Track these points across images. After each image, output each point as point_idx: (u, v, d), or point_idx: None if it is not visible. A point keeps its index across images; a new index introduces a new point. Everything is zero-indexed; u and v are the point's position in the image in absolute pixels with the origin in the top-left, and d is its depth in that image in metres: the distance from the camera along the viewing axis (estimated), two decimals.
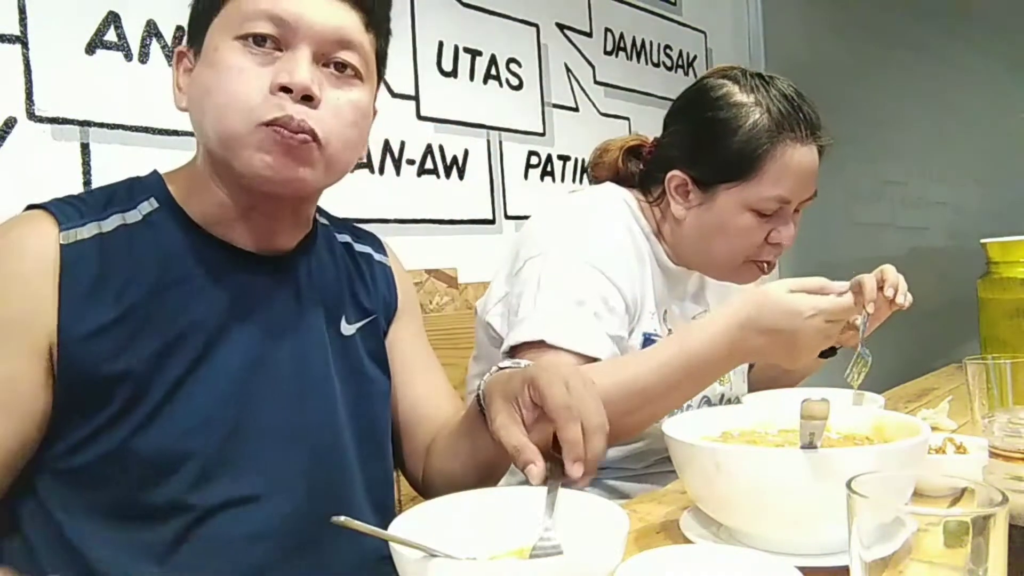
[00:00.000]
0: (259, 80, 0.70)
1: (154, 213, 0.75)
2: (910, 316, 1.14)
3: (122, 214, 0.74)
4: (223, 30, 0.71)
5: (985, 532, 0.41)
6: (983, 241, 1.57)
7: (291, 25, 0.70)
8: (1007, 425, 0.59)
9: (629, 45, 2.21)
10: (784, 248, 1.09)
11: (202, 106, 0.72)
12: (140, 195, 0.76)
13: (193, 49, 0.75)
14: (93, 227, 0.71)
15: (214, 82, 0.70)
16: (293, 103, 0.70)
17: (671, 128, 1.13)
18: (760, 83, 1.05)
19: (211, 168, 0.75)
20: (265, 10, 0.70)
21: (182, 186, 0.77)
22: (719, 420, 0.82)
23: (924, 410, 1.15)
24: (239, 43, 0.70)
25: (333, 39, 0.73)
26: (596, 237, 1.04)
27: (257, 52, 0.70)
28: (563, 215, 1.08)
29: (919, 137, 2.34)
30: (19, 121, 1.06)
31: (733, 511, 0.69)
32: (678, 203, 1.09)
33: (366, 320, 0.89)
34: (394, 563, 0.57)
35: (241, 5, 0.71)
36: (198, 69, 0.73)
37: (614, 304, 1.01)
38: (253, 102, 0.69)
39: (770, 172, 1.02)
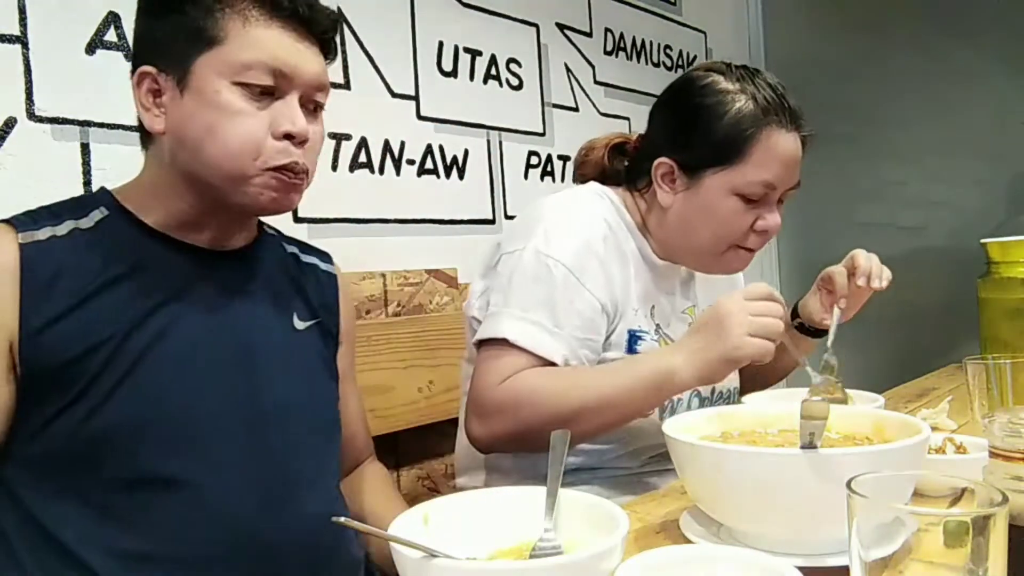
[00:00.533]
0: (260, 125, 0.78)
1: (105, 219, 0.81)
2: (910, 316, 1.14)
3: (75, 220, 0.79)
4: (219, 72, 0.77)
5: (985, 532, 0.41)
6: (983, 241, 1.57)
7: (287, 76, 0.79)
8: (1007, 425, 0.59)
9: (629, 45, 2.21)
10: (769, 236, 1.09)
11: (200, 142, 0.78)
12: (91, 206, 0.81)
13: (170, 77, 0.79)
14: (48, 231, 0.77)
15: (219, 124, 0.77)
16: (295, 147, 0.80)
17: (657, 118, 1.15)
18: (745, 73, 1.08)
19: (177, 181, 0.81)
20: (265, 63, 0.77)
21: (135, 198, 0.83)
22: (719, 420, 0.82)
23: (924, 410, 1.15)
24: (239, 89, 0.77)
25: (315, 85, 0.82)
26: (569, 238, 1.05)
27: (255, 98, 0.78)
28: (540, 214, 1.09)
29: (919, 137, 2.34)
30: (19, 121, 1.06)
31: (733, 511, 0.69)
32: (665, 190, 1.10)
33: (314, 321, 0.94)
34: (394, 563, 0.57)
35: (239, 54, 0.77)
36: (188, 102, 0.78)
37: (582, 307, 1.02)
38: (261, 147, 0.78)
39: (755, 156, 1.03)
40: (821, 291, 1.19)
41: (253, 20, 0.78)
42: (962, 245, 2.03)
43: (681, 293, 1.21)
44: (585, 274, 1.03)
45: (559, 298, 1.01)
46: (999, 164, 2.19)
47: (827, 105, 2.53)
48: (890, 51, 2.39)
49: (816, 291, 1.21)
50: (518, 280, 1.03)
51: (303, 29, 0.81)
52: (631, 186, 1.16)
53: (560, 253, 1.02)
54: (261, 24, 0.78)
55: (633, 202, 1.15)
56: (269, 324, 0.88)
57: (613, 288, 1.06)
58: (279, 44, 0.79)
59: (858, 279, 1.11)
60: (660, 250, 1.14)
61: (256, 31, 0.78)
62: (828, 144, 2.55)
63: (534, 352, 0.98)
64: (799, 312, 1.25)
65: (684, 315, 1.20)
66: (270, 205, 0.81)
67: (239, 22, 0.77)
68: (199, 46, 0.77)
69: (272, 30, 0.79)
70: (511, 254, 1.06)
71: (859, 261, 1.13)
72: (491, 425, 0.99)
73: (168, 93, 0.79)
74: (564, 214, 1.08)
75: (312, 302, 0.95)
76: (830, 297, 1.18)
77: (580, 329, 1.01)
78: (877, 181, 2.47)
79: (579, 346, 1.01)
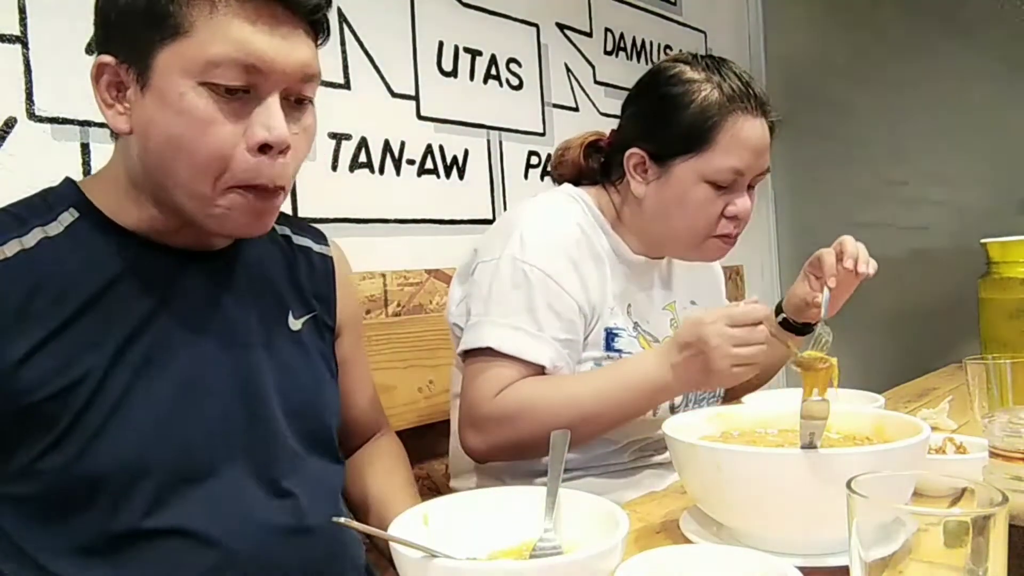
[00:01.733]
0: (233, 134, 0.67)
1: (75, 223, 0.72)
2: (910, 316, 1.15)
3: (43, 227, 0.70)
4: (183, 70, 0.66)
5: (985, 532, 0.41)
6: (983, 241, 1.57)
7: (263, 72, 0.67)
8: (1007, 425, 0.59)
9: (629, 45, 2.20)
10: (742, 221, 1.10)
11: (162, 151, 0.68)
12: (57, 206, 0.72)
13: (131, 71, 0.68)
14: (15, 244, 0.68)
15: (182, 132, 0.66)
16: (271, 160, 0.69)
17: (628, 110, 1.17)
18: (711, 63, 1.09)
19: (150, 184, 0.72)
20: (235, 59, 0.66)
21: (107, 196, 0.74)
22: (719, 420, 0.82)
23: (924, 410, 1.15)
24: (205, 90, 0.66)
25: (299, 77, 0.70)
26: (544, 243, 1.06)
27: (227, 99, 0.67)
28: (515, 221, 1.11)
29: (919, 137, 2.34)
30: (19, 121, 1.06)
31: (733, 511, 0.69)
32: (637, 181, 1.11)
33: (309, 315, 0.87)
34: (394, 563, 0.57)
35: (205, 48, 0.65)
36: (150, 103, 0.67)
37: (561, 309, 1.03)
38: (228, 162, 0.67)
39: (722, 143, 1.04)
40: (809, 276, 1.20)
41: (221, 4, 0.66)
42: (962, 245, 2.03)
43: (660, 288, 1.22)
44: (561, 277, 1.04)
45: (538, 302, 1.02)
46: (999, 164, 2.18)
47: (827, 105, 2.54)
48: (890, 51, 2.39)
49: (804, 277, 1.21)
50: (497, 288, 1.04)
51: (284, 9, 0.68)
52: (606, 180, 1.18)
53: (535, 258, 1.04)
54: (230, 8, 0.66)
55: (608, 198, 1.17)
56: (264, 331, 0.81)
57: (588, 290, 1.07)
58: (253, 33, 0.66)
59: (846, 261, 1.12)
60: (638, 244, 1.15)
61: (224, 19, 0.65)
62: (828, 144, 2.58)
63: (520, 357, 1.00)
64: (783, 307, 1.26)
65: (665, 311, 1.21)
66: (237, 230, 0.72)
67: (205, 8, 0.65)
68: (160, 35, 0.66)
69: (244, 16, 0.66)
70: (488, 263, 1.07)
71: (847, 245, 1.14)
72: (488, 438, 1.01)
73: (131, 89, 0.69)
74: (538, 220, 1.10)
75: (306, 292, 0.88)
76: (819, 281, 1.19)
77: (561, 330, 1.03)
78: (877, 181, 2.47)
79: (562, 347, 1.03)
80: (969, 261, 1.66)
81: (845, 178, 2.51)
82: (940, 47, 2.28)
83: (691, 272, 1.27)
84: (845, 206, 2.53)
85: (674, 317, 1.22)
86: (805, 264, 1.21)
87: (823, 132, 2.52)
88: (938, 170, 2.33)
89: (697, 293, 1.29)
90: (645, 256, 1.16)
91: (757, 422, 0.82)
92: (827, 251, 1.16)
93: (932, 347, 2.08)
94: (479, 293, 1.06)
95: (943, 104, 2.28)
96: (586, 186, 1.19)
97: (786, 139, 1.15)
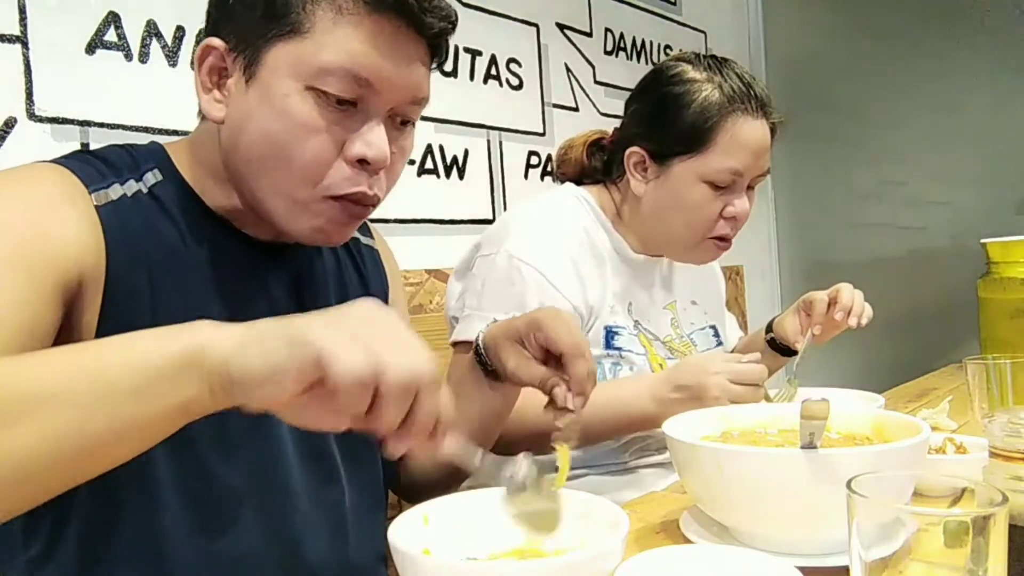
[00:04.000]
0: (333, 143, 0.65)
1: (159, 185, 0.69)
2: (910, 316, 1.15)
3: (136, 181, 0.68)
4: (293, 71, 0.63)
5: (985, 532, 0.41)
6: (983, 241, 1.57)
7: (375, 89, 0.65)
8: (1007, 425, 0.59)
9: (629, 45, 2.20)
10: (739, 223, 1.10)
11: (256, 148, 0.65)
12: (143, 164, 0.69)
13: (239, 60, 0.65)
14: (118, 188, 0.65)
15: (282, 134, 0.64)
16: (368, 176, 0.67)
17: (630, 109, 1.17)
18: (713, 63, 1.10)
19: (231, 179, 0.70)
20: (350, 70, 0.63)
21: (190, 168, 0.72)
22: (719, 420, 0.82)
23: (924, 410, 1.15)
24: (311, 95, 0.64)
25: (408, 99, 0.68)
26: (542, 242, 1.07)
27: (332, 109, 0.64)
28: (515, 219, 1.11)
29: (919, 137, 2.34)
30: (19, 121, 1.06)
31: (733, 511, 0.69)
32: (637, 179, 1.12)
33: None
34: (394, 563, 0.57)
35: (320, 53, 0.63)
36: (252, 97, 0.65)
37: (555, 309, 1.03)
38: (326, 171, 0.65)
39: (721, 144, 1.05)
40: (800, 313, 1.21)
41: (347, 12, 0.63)
42: (962, 245, 2.03)
43: (661, 288, 1.22)
44: (557, 276, 1.04)
45: (530, 300, 1.02)
46: (999, 164, 2.18)
47: (827, 105, 2.54)
48: (890, 51, 2.39)
49: (796, 312, 1.22)
50: (491, 283, 1.05)
51: (409, 26, 0.65)
52: (607, 178, 1.18)
53: (532, 256, 1.04)
54: (355, 18, 0.63)
55: (609, 197, 1.17)
56: None
57: (587, 289, 1.07)
58: (373, 47, 0.63)
59: (836, 312, 1.13)
60: (637, 243, 1.16)
61: (347, 28, 0.63)
62: (828, 144, 2.58)
63: None
64: (774, 328, 1.27)
65: (665, 310, 1.21)
66: (319, 236, 0.69)
67: (330, 12, 0.63)
68: (277, 30, 0.64)
69: (367, 28, 0.63)
70: (485, 257, 1.08)
71: (843, 296, 1.15)
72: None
73: (234, 77, 0.66)
74: (538, 218, 1.10)
75: (371, 290, 0.85)
76: (807, 321, 1.19)
77: None
78: (877, 181, 2.47)
79: None
80: (969, 261, 1.66)
81: (845, 178, 2.51)
82: (940, 47, 2.28)
83: (691, 272, 1.28)
84: (845, 206, 2.54)
85: (674, 316, 1.22)
86: (799, 300, 1.22)
87: (823, 132, 2.52)
88: (938, 170, 2.33)
89: (697, 293, 1.29)
90: (645, 255, 1.17)
91: (757, 422, 0.82)
92: (820, 297, 1.17)
93: (932, 347, 2.08)
94: (474, 287, 1.07)
95: (943, 104, 2.28)
96: (588, 185, 1.19)
97: (786, 139, 1.15)
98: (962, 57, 2.23)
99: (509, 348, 0.76)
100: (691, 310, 1.26)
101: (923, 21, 2.33)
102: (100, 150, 0.70)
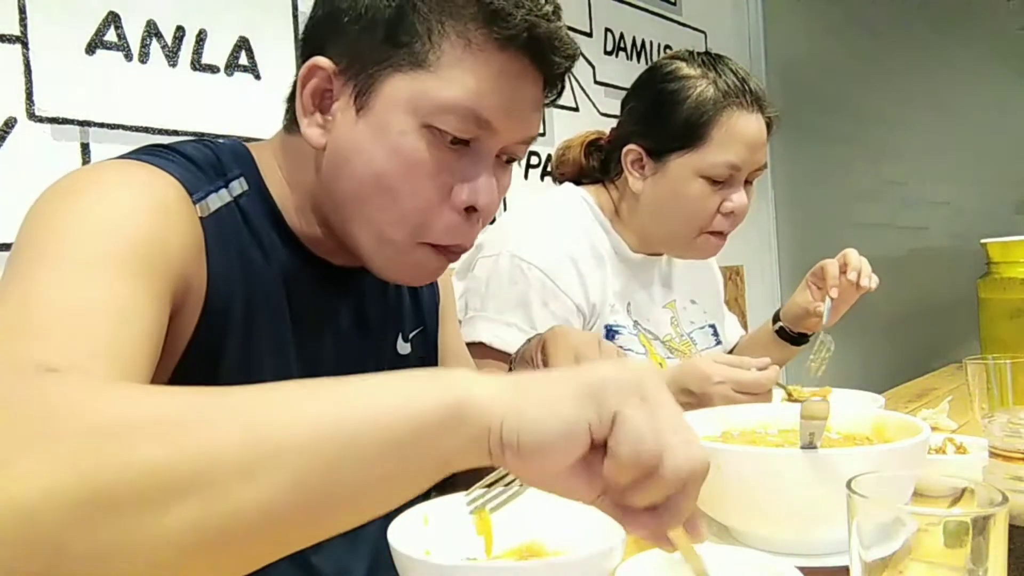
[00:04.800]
0: (443, 188, 0.62)
1: (245, 198, 0.65)
2: (910, 316, 1.15)
3: (226, 188, 0.64)
4: (411, 106, 0.60)
5: (985, 532, 0.41)
6: (983, 241, 1.57)
7: (493, 129, 0.61)
8: (1007, 425, 0.59)
9: (629, 45, 2.20)
10: (738, 217, 1.11)
11: (362, 184, 0.62)
12: (230, 170, 0.65)
13: (349, 85, 0.62)
14: (215, 198, 0.62)
15: (393, 175, 0.61)
16: (470, 224, 0.64)
17: (626, 108, 1.18)
18: (708, 60, 1.10)
19: (323, 201, 0.66)
20: (472, 109, 0.60)
21: (282, 184, 0.68)
22: (719, 420, 0.82)
23: (924, 410, 1.15)
24: (428, 133, 0.60)
25: (521, 139, 0.65)
26: (544, 243, 1.07)
27: (447, 148, 0.61)
28: (517, 219, 1.13)
29: (919, 137, 2.34)
30: (19, 121, 1.05)
31: (733, 511, 0.69)
32: (635, 177, 1.12)
33: (417, 330, 0.82)
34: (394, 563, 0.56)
35: (443, 89, 0.59)
36: (363, 129, 0.61)
37: (556, 308, 1.04)
38: (430, 216, 0.62)
39: (717, 138, 1.05)
40: (811, 286, 1.21)
41: (476, 47, 0.59)
42: (962, 245, 2.03)
43: (660, 287, 1.23)
44: (560, 277, 1.05)
45: (534, 300, 1.03)
46: (999, 164, 2.19)
47: (827, 105, 2.54)
48: (890, 51, 2.39)
49: (806, 286, 1.22)
50: (494, 284, 1.05)
51: (534, 65, 0.62)
52: (605, 177, 1.19)
53: (535, 257, 1.05)
54: (483, 55, 0.59)
55: (607, 196, 1.18)
56: (376, 361, 0.75)
57: (588, 289, 1.08)
58: (498, 86, 0.60)
59: (849, 273, 1.13)
60: (636, 241, 1.16)
61: (473, 64, 0.59)
62: (828, 144, 2.58)
63: (512, 354, 0.99)
64: (781, 316, 1.26)
65: (665, 309, 1.22)
66: (406, 278, 0.67)
67: (458, 46, 0.59)
68: (398, 60, 0.59)
69: (493, 65, 0.60)
70: (487, 258, 1.08)
71: (850, 257, 1.15)
72: None
73: (341, 102, 0.62)
74: (539, 218, 1.11)
75: (415, 306, 0.81)
76: (820, 291, 1.20)
77: None
78: (877, 181, 2.47)
79: None
80: (969, 261, 1.66)
81: (845, 178, 2.51)
82: (940, 47, 2.28)
83: (691, 271, 1.28)
84: (845, 206, 2.54)
85: (674, 315, 1.23)
86: (807, 274, 1.22)
87: (823, 132, 2.52)
88: (938, 170, 2.33)
89: (696, 292, 1.29)
90: (644, 254, 1.17)
91: (757, 422, 0.82)
92: (830, 261, 1.17)
93: (932, 347, 2.08)
94: (477, 288, 1.07)
95: (943, 104, 2.28)
96: (587, 185, 1.20)
97: (786, 139, 1.16)
98: (962, 57, 2.23)
99: (520, 368, 0.73)
100: (691, 309, 1.26)
101: (923, 21, 2.33)
102: (183, 147, 0.65)
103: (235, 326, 0.62)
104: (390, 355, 0.78)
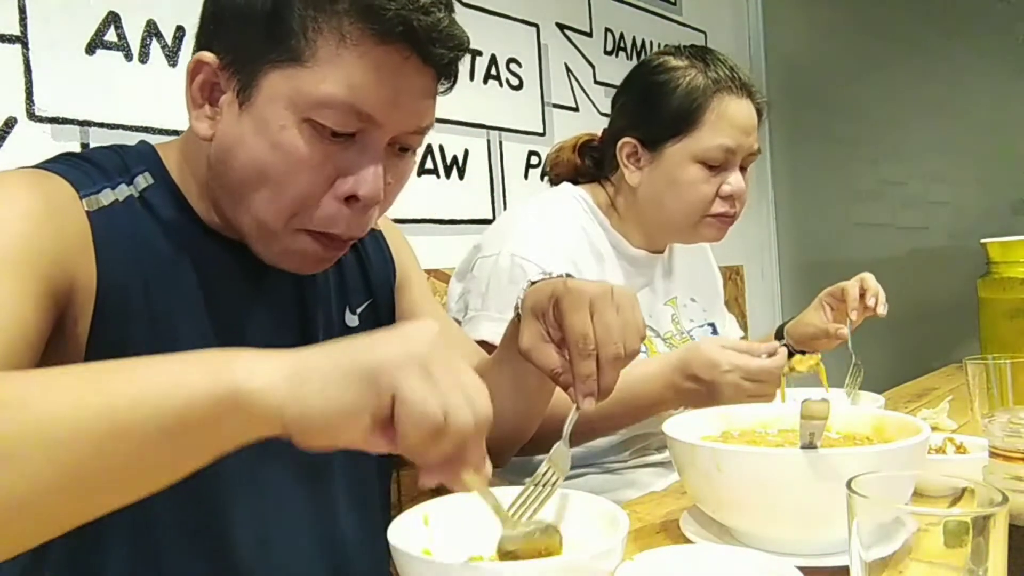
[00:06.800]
0: (324, 179, 0.62)
1: (149, 190, 0.67)
2: (910, 316, 1.16)
3: (127, 185, 0.66)
4: (290, 102, 0.60)
5: (985, 532, 0.41)
6: (983, 241, 1.57)
7: (376, 122, 0.62)
8: (1007, 425, 0.59)
9: (629, 45, 2.20)
10: (738, 200, 1.12)
11: (244, 175, 0.63)
12: (135, 167, 0.67)
13: (233, 79, 0.62)
14: (109, 193, 0.64)
15: (273, 166, 0.61)
16: (354, 212, 0.64)
17: (617, 104, 1.19)
18: (695, 52, 1.13)
19: (213, 193, 0.68)
20: (351, 104, 0.60)
21: (185, 174, 0.70)
22: (719, 420, 0.82)
23: (924, 410, 1.15)
24: (308, 127, 0.61)
25: (411, 129, 0.65)
26: (544, 242, 1.07)
27: (328, 141, 0.61)
28: (516, 219, 1.12)
29: (919, 137, 2.34)
30: (19, 121, 1.05)
31: (733, 511, 0.69)
32: (631, 169, 1.13)
33: (366, 304, 0.83)
34: (394, 563, 0.57)
35: (320, 84, 0.59)
36: (245, 122, 0.62)
37: None
38: (309, 203, 0.63)
39: (709, 122, 1.07)
40: (826, 306, 1.22)
41: (349, 41, 0.59)
42: (962, 245, 2.03)
43: (662, 282, 1.23)
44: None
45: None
46: (999, 164, 2.18)
47: (827, 105, 2.54)
48: (890, 51, 2.39)
49: (820, 306, 1.23)
50: (494, 283, 1.05)
51: (417, 57, 0.61)
52: (601, 174, 1.20)
53: (534, 255, 1.05)
54: (359, 48, 0.59)
55: (604, 193, 1.18)
56: (328, 328, 0.76)
57: None
58: (377, 79, 0.60)
59: (868, 298, 1.15)
60: (637, 236, 1.16)
61: (350, 58, 0.59)
62: (828, 144, 2.58)
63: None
64: (786, 333, 1.27)
65: (667, 306, 1.22)
66: (292, 268, 0.68)
67: (332, 41, 0.59)
68: (276, 55, 0.60)
69: (371, 58, 0.59)
70: (487, 258, 1.08)
71: (869, 283, 1.18)
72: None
73: (227, 96, 0.63)
74: (538, 218, 1.11)
75: (371, 277, 0.82)
76: (835, 312, 1.22)
77: None
78: (877, 181, 2.47)
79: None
80: (969, 261, 1.66)
81: (845, 178, 2.51)
82: (940, 47, 2.28)
83: (691, 269, 1.28)
84: (845, 206, 2.54)
85: (675, 312, 1.23)
86: (822, 293, 1.24)
87: (823, 132, 2.52)
88: (938, 170, 2.33)
89: (696, 290, 1.29)
90: (646, 250, 1.17)
91: (757, 422, 0.82)
92: (851, 284, 1.20)
93: (932, 347, 2.08)
94: (477, 288, 1.07)
95: (943, 104, 2.28)
96: (583, 184, 1.20)
97: (786, 139, 1.17)
98: (962, 57, 2.23)
99: (529, 322, 0.69)
100: (691, 306, 1.27)
101: (924, 21, 2.33)
102: (88, 152, 0.68)
103: (137, 312, 0.63)
104: (339, 328, 0.79)
